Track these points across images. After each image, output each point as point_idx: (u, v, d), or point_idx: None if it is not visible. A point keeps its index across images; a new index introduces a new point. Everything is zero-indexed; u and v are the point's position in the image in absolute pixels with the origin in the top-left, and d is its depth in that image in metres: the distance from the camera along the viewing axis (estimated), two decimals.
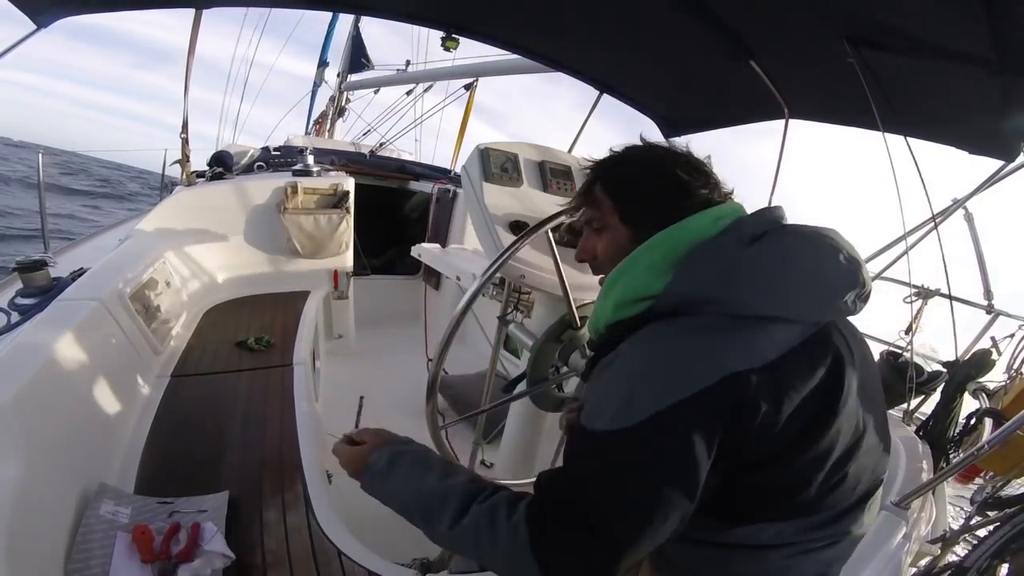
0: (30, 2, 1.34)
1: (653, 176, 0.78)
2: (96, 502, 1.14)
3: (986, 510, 1.84)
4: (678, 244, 0.71)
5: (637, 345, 0.67)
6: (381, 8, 2.16)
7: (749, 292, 0.65)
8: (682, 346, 0.64)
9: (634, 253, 0.74)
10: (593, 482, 0.62)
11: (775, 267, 0.66)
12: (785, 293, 0.65)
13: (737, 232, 0.70)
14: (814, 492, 0.67)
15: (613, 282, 0.76)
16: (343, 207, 2.92)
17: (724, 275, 0.66)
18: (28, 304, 1.56)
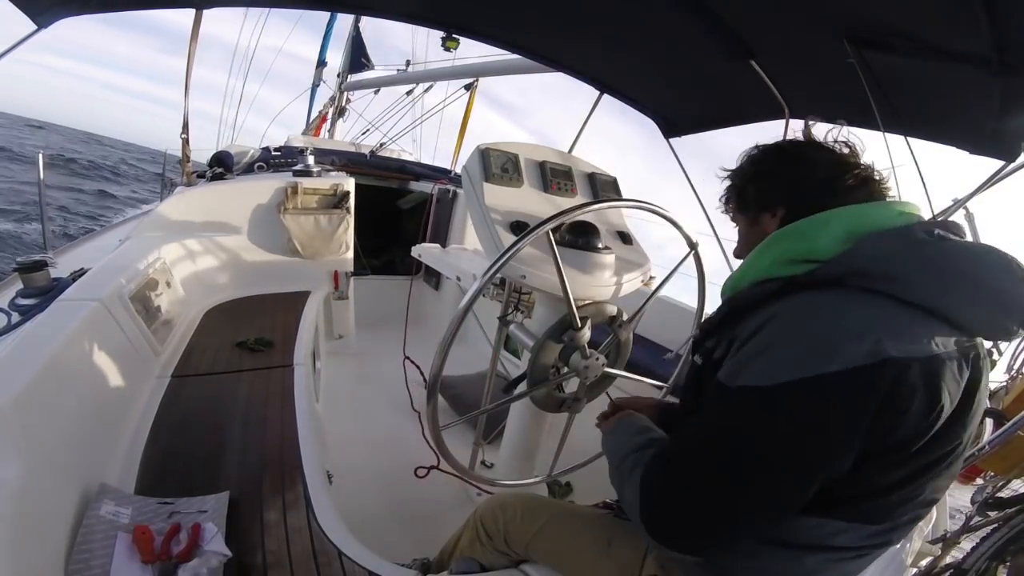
0: (30, 2, 1.34)
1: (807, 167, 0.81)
2: (97, 502, 1.14)
3: (986, 510, 1.84)
4: (863, 221, 0.70)
5: (795, 308, 0.67)
6: (381, 8, 2.16)
7: (930, 280, 0.63)
8: (841, 316, 0.63)
9: (815, 216, 0.73)
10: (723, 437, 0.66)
11: (964, 266, 0.64)
12: (964, 294, 0.63)
13: (925, 227, 0.69)
14: (897, 501, 0.68)
15: (778, 239, 0.76)
16: (343, 207, 2.92)
17: (914, 256, 0.64)
18: (28, 304, 1.57)
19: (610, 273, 1.41)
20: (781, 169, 0.82)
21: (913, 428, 0.61)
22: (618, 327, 1.41)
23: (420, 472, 2.03)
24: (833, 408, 0.59)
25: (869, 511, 0.68)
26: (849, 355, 0.59)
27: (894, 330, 0.60)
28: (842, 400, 0.59)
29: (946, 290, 0.63)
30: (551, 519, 1.08)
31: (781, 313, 0.66)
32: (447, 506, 1.99)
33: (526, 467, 1.76)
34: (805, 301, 0.67)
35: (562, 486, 2.15)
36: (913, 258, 0.64)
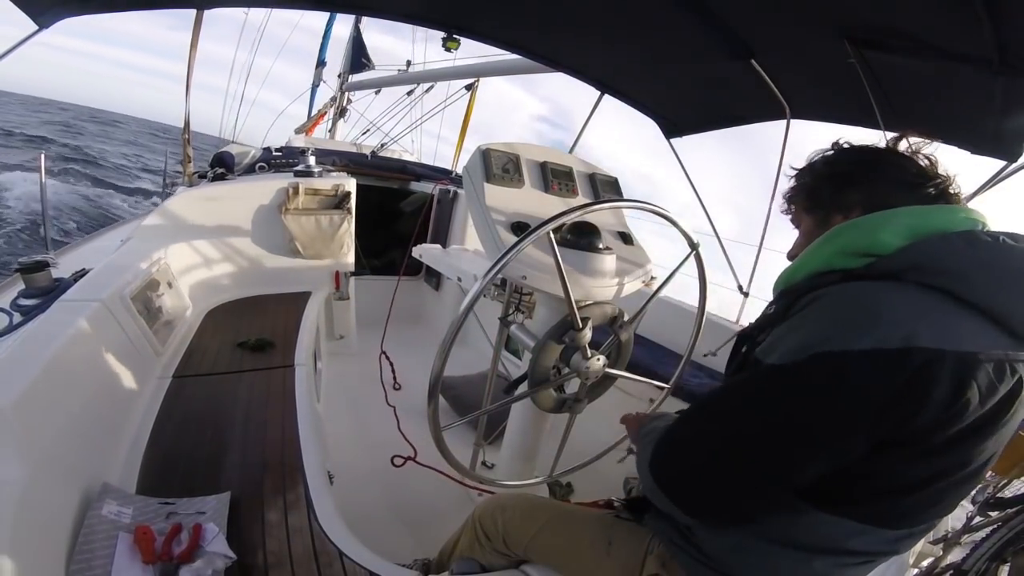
0: (31, 2, 1.34)
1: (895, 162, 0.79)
2: (98, 503, 1.14)
3: (987, 510, 1.84)
4: (927, 222, 0.69)
5: (845, 291, 0.67)
6: (381, 8, 2.16)
7: (987, 278, 0.62)
8: (886, 302, 0.62)
9: (879, 213, 0.73)
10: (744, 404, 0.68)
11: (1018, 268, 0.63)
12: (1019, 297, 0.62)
13: (991, 233, 0.68)
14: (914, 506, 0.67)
15: (840, 231, 0.75)
16: (344, 208, 2.92)
17: (974, 254, 0.64)
18: (30, 305, 1.57)
19: (611, 274, 1.41)
20: (861, 172, 0.80)
21: (932, 420, 0.60)
22: (619, 328, 1.41)
23: (397, 461, 2.06)
24: (849, 385, 0.59)
25: (886, 514, 0.67)
26: (878, 337, 0.59)
27: (935, 322, 0.60)
28: (860, 379, 0.59)
29: (1003, 289, 0.62)
30: (550, 520, 1.08)
31: (826, 295, 0.67)
32: (448, 506, 1.99)
33: (527, 468, 1.76)
34: (853, 286, 0.67)
35: (563, 486, 2.15)
36: (973, 256, 0.63)
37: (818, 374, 0.61)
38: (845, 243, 0.73)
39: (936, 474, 0.65)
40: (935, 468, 0.64)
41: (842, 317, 0.63)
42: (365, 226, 3.28)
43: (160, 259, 2.13)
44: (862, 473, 0.65)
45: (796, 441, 0.63)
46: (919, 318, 0.60)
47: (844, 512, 0.67)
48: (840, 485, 0.66)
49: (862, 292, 0.66)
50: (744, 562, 0.76)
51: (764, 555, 0.73)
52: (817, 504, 0.68)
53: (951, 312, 0.61)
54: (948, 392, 0.59)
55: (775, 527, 0.72)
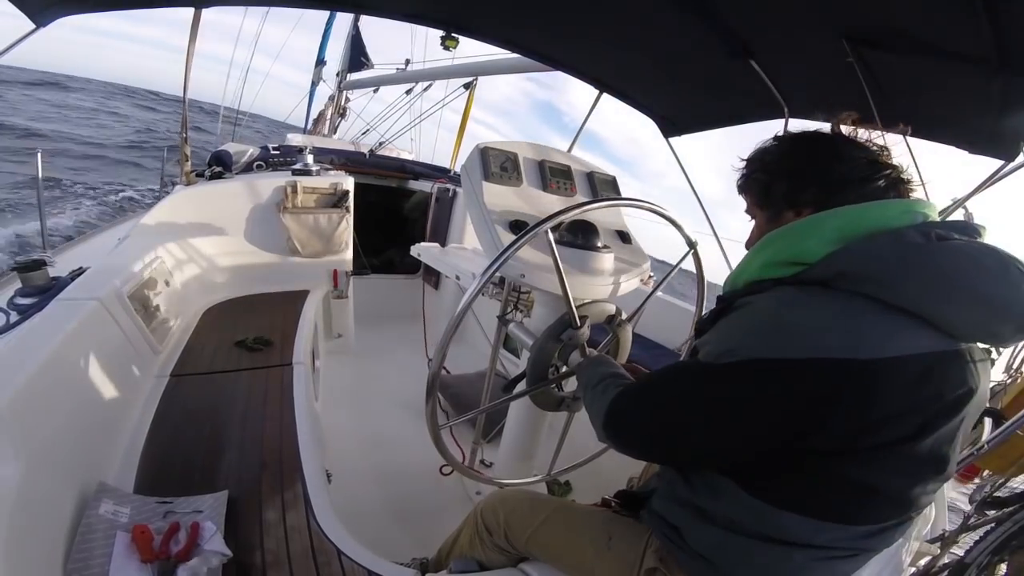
0: (29, 1, 1.34)
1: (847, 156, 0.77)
2: (95, 502, 1.14)
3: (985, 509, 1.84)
4: (859, 222, 0.68)
5: (771, 298, 0.69)
6: (381, 7, 2.16)
7: (914, 283, 0.61)
8: (799, 313, 0.64)
9: (807, 219, 0.73)
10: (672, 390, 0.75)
11: (953, 269, 0.62)
12: (950, 298, 0.61)
13: (925, 227, 0.67)
14: (871, 503, 0.67)
15: (768, 242, 0.76)
16: (343, 206, 2.91)
17: (900, 258, 0.63)
18: (27, 304, 1.56)
19: (609, 272, 1.41)
20: (814, 168, 0.78)
21: (849, 427, 0.61)
22: (617, 326, 1.41)
23: (446, 471, 2.03)
24: (756, 392, 0.63)
25: (848, 512, 0.68)
26: (784, 348, 0.62)
27: (850, 331, 0.61)
28: (766, 387, 0.62)
29: (930, 294, 0.61)
30: (552, 514, 1.09)
31: (748, 304, 0.70)
32: (446, 505, 1.99)
33: (525, 466, 1.76)
34: (772, 297, 0.69)
35: (561, 485, 2.16)
36: (899, 261, 0.63)
37: (733, 379, 0.66)
38: (774, 254, 0.74)
39: (883, 475, 0.65)
40: (878, 470, 0.65)
41: (756, 327, 0.67)
42: (363, 225, 3.28)
43: (158, 257, 2.13)
44: (804, 474, 0.67)
45: (715, 434, 0.69)
46: (830, 328, 0.61)
47: (802, 510, 0.69)
48: (788, 485, 0.69)
49: (779, 303, 0.68)
50: (730, 558, 0.78)
51: (747, 550, 0.75)
52: (775, 503, 0.70)
53: (877, 318, 0.61)
54: (860, 400, 0.59)
55: (749, 523, 0.73)
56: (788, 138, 0.84)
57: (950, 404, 0.64)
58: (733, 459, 0.72)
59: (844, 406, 0.60)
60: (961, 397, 0.64)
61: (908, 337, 0.61)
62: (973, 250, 0.64)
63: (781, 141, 0.84)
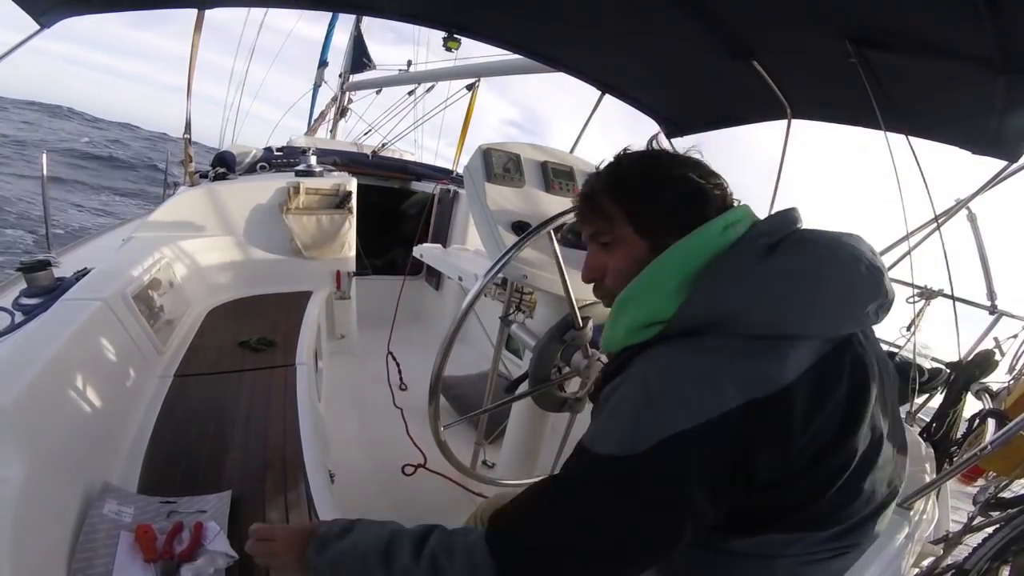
0: (33, 2, 1.35)
1: (669, 181, 0.74)
2: (99, 502, 1.14)
3: (989, 510, 1.84)
4: (690, 259, 0.68)
5: (647, 367, 0.65)
6: (382, 8, 2.17)
7: (766, 312, 0.61)
8: (691, 372, 0.61)
9: (644, 273, 0.70)
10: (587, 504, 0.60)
11: (792, 282, 0.63)
12: (803, 310, 0.62)
13: (752, 243, 0.67)
14: (827, 507, 0.66)
15: (623, 305, 0.73)
16: (345, 207, 2.92)
17: (739, 294, 0.63)
18: (32, 304, 1.57)
19: None
20: (651, 202, 0.74)
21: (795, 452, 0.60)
22: None
23: (408, 470, 2.04)
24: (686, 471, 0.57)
25: (810, 520, 0.67)
26: (697, 411, 0.57)
27: (739, 375, 0.58)
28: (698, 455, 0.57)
29: (784, 314, 0.61)
30: None
31: (633, 374, 0.65)
32: (448, 506, 2.00)
33: (528, 467, 1.76)
34: (650, 360, 0.65)
35: None
36: (744, 294, 0.62)
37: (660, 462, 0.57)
38: (631, 320, 0.71)
39: (831, 479, 0.64)
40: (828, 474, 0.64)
41: (660, 399, 0.60)
42: (366, 226, 3.28)
43: (162, 258, 2.13)
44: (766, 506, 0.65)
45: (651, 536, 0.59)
46: (728, 374, 0.59)
47: (758, 533, 0.67)
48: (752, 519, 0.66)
49: (664, 368, 0.63)
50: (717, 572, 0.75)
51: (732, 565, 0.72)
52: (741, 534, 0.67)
53: (754, 351, 0.60)
54: (783, 429, 0.58)
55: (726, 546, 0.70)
56: (616, 170, 0.79)
57: (861, 390, 0.64)
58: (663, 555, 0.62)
59: (772, 441, 0.58)
60: (869, 378, 0.65)
61: (793, 357, 0.60)
62: (815, 250, 0.66)
63: (610, 176, 0.79)
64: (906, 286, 2.00)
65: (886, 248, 1.96)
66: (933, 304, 2.04)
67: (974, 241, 2.07)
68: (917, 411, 1.83)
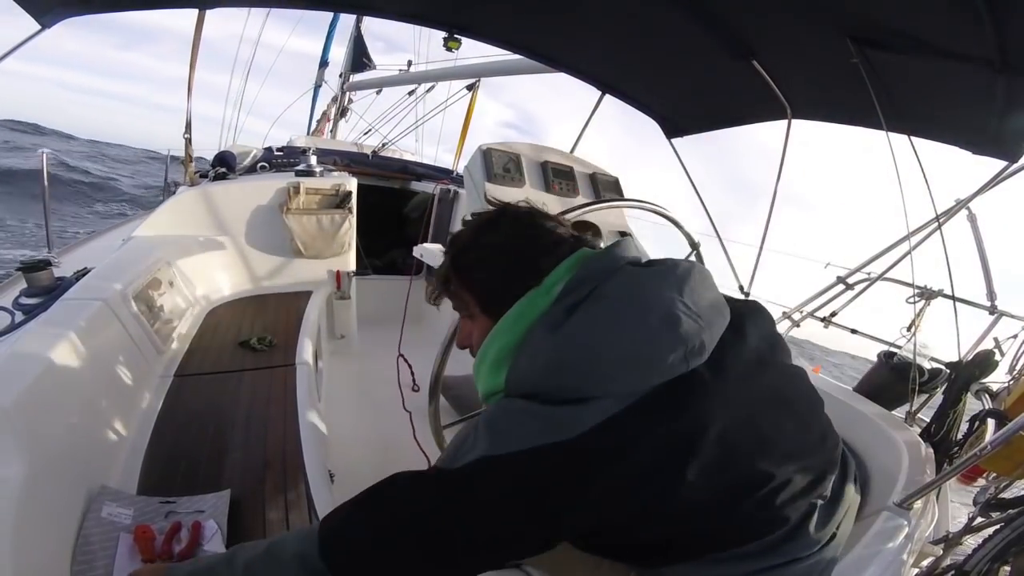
0: (35, 2, 1.35)
1: (496, 250, 0.80)
2: (98, 503, 1.14)
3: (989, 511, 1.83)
4: (512, 331, 0.74)
5: (485, 413, 0.71)
6: (382, 8, 2.17)
7: (564, 383, 0.66)
8: (512, 416, 0.67)
9: (482, 347, 0.78)
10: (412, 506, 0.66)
11: (581, 354, 0.66)
12: (597, 377, 0.65)
13: (555, 308, 0.71)
14: (711, 532, 0.67)
15: (476, 373, 0.81)
16: (345, 207, 2.92)
17: (538, 369, 0.68)
18: (32, 304, 1.57)
19: None
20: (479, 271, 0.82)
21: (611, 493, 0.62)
22: None
23: None
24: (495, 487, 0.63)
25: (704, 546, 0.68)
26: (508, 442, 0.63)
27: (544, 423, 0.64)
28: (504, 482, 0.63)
29: (575, 382, 0.65)
30: None
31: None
32: None
33: None
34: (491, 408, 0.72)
35: None
36: (544, 370, 0.68)
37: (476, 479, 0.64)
38: (483, 390, 0.80)
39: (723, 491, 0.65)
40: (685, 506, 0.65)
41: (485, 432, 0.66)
42: (366, 226, 3.28)
43: (162, 258, 2.13)
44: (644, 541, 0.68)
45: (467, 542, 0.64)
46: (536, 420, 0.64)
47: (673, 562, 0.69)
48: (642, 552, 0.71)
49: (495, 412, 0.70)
50: None
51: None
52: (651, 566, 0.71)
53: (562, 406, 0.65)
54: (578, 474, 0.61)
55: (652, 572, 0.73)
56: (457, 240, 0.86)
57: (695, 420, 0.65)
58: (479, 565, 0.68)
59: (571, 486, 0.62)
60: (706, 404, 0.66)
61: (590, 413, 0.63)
62: (604, 306, 0.69)
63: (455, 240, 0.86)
64: (906, 286, 2.00)
65: (886, 248, 1.96)
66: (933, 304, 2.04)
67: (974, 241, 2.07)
68: (917, 411, 1.83)
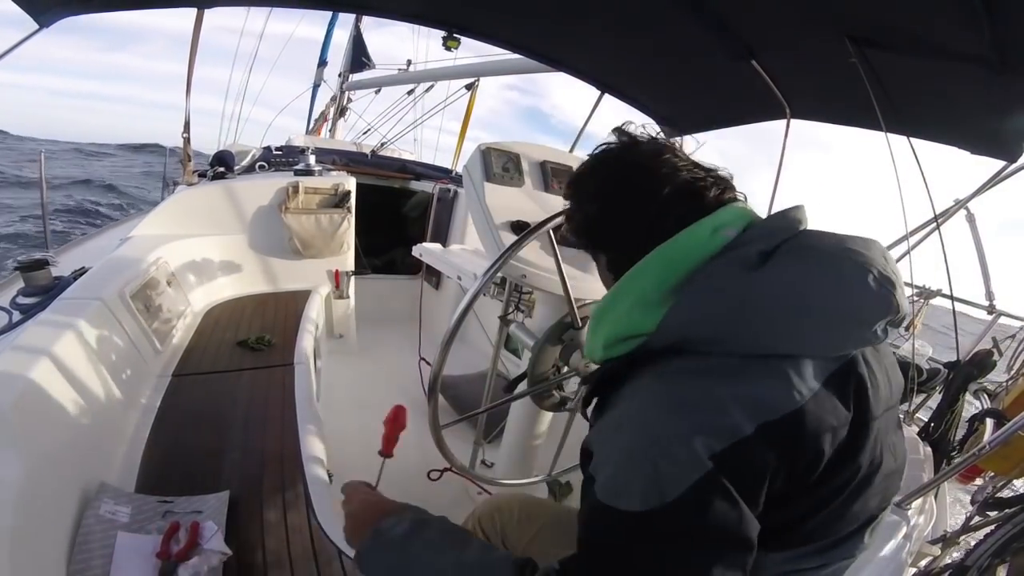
0: (32, 1, 1.34)
1: (635, 183, 0.68)
2: (96, 501, 1.14)
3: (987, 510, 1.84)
4: (671, 267, 0.62)
5: (639, 399, 0.59)
6: (382, 8, 2.16)
7: (757, 330, 0.55)
8: (694, 402, 0.54)
9: (621, 283, 0.65)
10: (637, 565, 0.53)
11: (787, 298, 0.56)
12: (800, 329, 0.55)
13: (743, 250, 0.60)
14: (814, 526, 0.61)
15: (600, 317, 0.67)
16: (344, 207, 2.92)
17: (726, 310, 0.56)
18: (30, 303, 1.57)
19: None
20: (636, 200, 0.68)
21: (796, 475, 0.55)
22: None
23: (433, 475, 2.00)
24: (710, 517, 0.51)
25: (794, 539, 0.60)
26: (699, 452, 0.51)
27: (741, 395, 0.53)
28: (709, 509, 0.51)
29: (777, 332, 0.55)
30: (548, 522, 1.08)
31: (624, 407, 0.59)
32: (447, 506, 1.99)
33: (526, 467, 1.76)
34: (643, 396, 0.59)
35: (562, 485, 2.15)
36: (731, 312, 0.56)
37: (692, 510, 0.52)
38: (608, 332, 0.66)
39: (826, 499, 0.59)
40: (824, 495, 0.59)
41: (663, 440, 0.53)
42: (365, 225, 3.28)
43: (160, 257, 2.13)
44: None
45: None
46: (725, 403, 0.53)
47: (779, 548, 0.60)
48: None
49: (657, 399, 0.57)
50: None
51: None
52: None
53: (750, 372, 0.55)
54: (788, 453, 0.53)
55: None
56: (596, 168, 0.74)
57: (863, 411, 0.58)
58: None
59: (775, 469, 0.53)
60: (870, 398, 0.59)
61: (798, 378, 0.54)
62: (802, 259, 0.59)
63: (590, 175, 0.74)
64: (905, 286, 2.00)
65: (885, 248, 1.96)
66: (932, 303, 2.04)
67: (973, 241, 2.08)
68: (915, 411, 1.84)
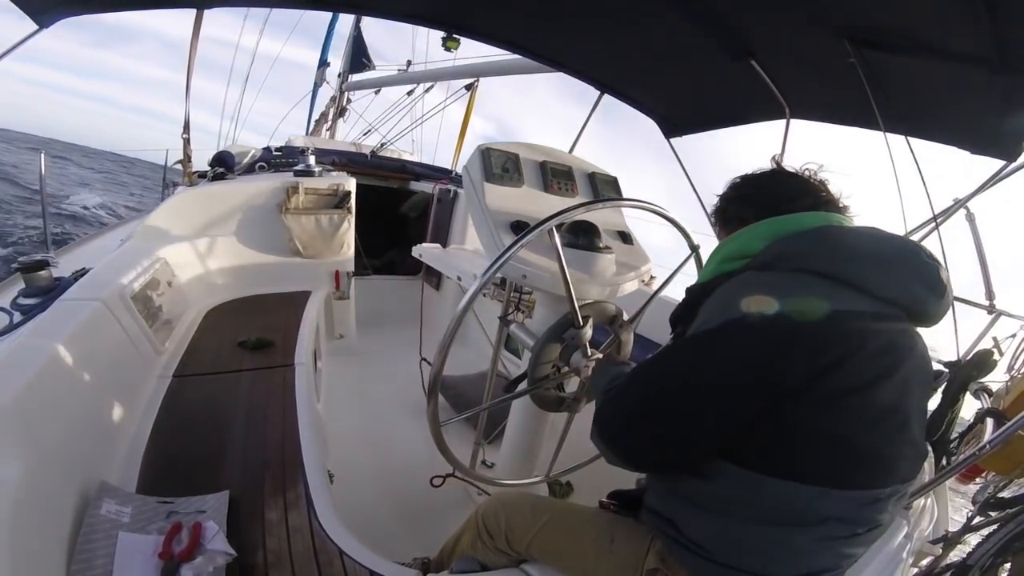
0: (32, 2, 1.35)
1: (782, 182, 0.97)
2: (98, 501, 1.14)
3: (987, 510, 1.84)
4: (786, 226, 0.87)
5: (728, 285, 0.82)
6: (382, 8, 2.17)
7: (833, 255, 0.78)
8: (753, 286, 0.78)
9: (749, 226, 0.92)
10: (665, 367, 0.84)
11: (861, 244, 0.79)
12: (865, 265, 0.76)
13: (837, 227, 0.85)
14: (848, 460, 0.73)
15: (723, 245, 0.96)
16: (344, 207, 2.92)
17: (817, 240, 0.81)
18: (30, 304, 1.57)
19: (610, 273, 1.41)
20: (753, 192, 0.99)
21: (808, 372, 0.70)
22: (619, 327, 1.42)
23: (436, 481, 2.00)
24: (731, 348, 0.75)
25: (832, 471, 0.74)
26: (741, 310, 0.74)
27: (792, 292, 0.74)
28: (738, 341, 0.74)
29: (848, 262, 0.76)
30: (553, 517, 1.09)
31: (718, 289, 0.84)
32: (447, 505, 1.99)
33: (526, 467, 1.76)
34: (733, 280, 0.83)
35: (563, 485, 2.16)
36: (815, 241, 0.81)
37: (711, 339, 0.77)
38: (724, 254, 0.95)
39: (848, 424, 0.72)
40: (843, 420, 0.72)
41: (722, 302, 0.80)
42: (365, 225, 3.28)
43: (160, 258, 2.13)
44: (779, 433, 0.74)
45: (703, 397, 0.77)
46: (780, 293, 0.74)
47: (786, 474, 0.74)
48: (767, 447, 0.75)
49: (736, 282, 0.82)
50: (731, 547, 0.79)
51: (746, 536, 0.77)
52: (760, 470, 0.75)
53: (812, 284, 0.75)
54: (810, 347, 0.70)
55: (741, 503, 0.77)
56: (743, 177, 1.04)
57: (892, 359, 0.74)
58: (718, 432, 0.77)
59: (797, 351, 0.71)
60: (901, 354, 0.76)
61: (845, 298, 0.73)
62: (880, 232, 0.83)
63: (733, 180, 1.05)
64: None
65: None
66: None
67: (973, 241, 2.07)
68: None
